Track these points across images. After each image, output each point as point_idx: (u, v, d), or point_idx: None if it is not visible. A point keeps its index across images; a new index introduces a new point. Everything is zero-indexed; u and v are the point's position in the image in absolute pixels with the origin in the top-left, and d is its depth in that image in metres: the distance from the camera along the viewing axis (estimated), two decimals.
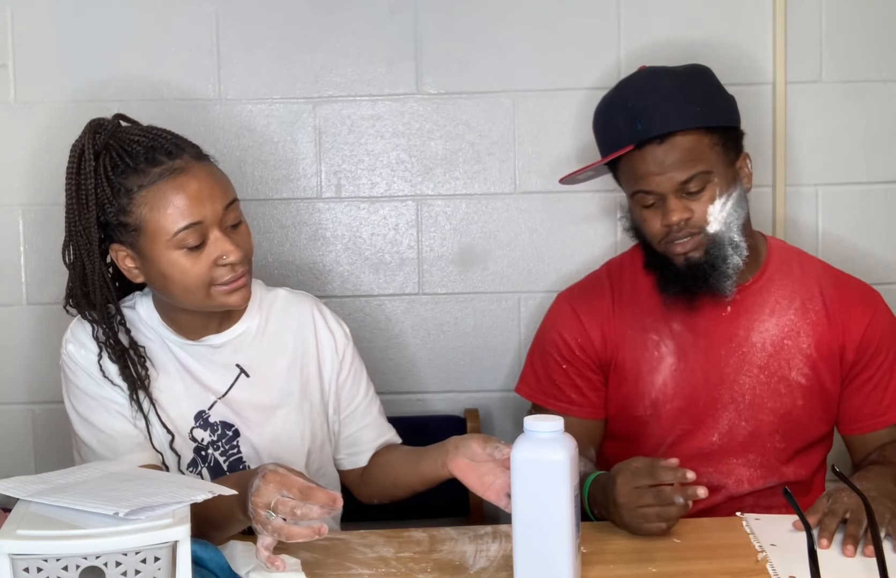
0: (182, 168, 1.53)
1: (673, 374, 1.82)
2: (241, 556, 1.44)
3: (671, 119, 1.69)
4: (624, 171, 1.77)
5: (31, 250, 2.25)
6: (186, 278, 1.54)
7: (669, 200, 1.71)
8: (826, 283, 1.84)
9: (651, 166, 1.70)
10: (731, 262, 1.74)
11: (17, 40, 2.21)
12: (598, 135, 1.83)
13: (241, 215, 1.60)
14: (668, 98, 1.72)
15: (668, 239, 1.74)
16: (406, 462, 1.70)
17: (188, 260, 1.53)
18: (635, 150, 1.71)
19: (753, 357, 1.80)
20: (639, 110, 1.71)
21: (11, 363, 2.26)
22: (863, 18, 2.23)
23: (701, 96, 1.74)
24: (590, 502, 1.64)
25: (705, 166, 1.70)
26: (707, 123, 1.71)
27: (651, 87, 1.75)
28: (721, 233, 1.72)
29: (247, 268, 1.58)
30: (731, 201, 1.73)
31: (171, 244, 1.52)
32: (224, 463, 1.65)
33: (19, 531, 1.17)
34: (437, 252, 2.29)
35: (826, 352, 1.80)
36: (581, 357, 1.86)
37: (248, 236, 1.60)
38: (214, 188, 1.54)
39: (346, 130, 2.26)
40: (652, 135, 1.69)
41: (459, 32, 2.24)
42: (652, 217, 1.75)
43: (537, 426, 1.35)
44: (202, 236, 1.53)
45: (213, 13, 2.22)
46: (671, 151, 1.69)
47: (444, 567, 1.48)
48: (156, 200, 1.52)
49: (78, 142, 1.59)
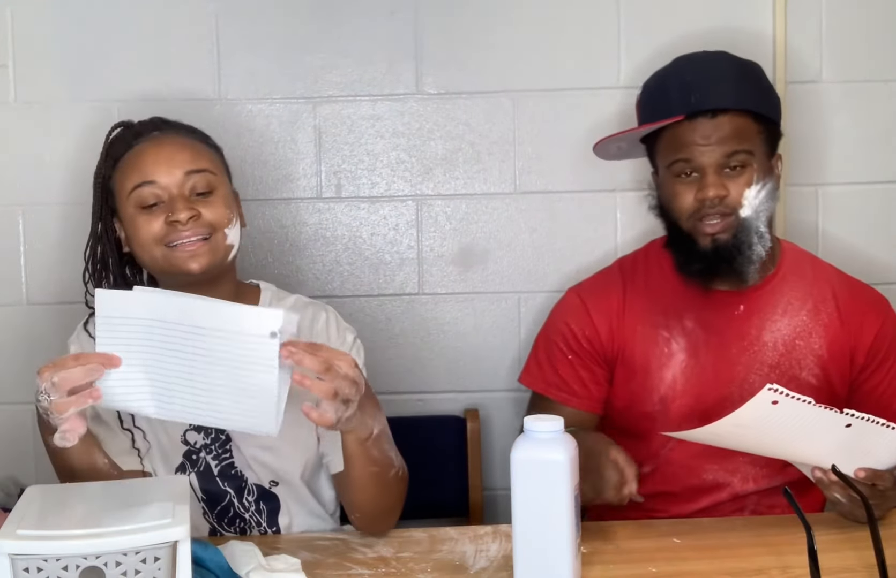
0: (155, 137, 1.64)
1: (683, 371, 1.82)
2: (241, 556, 1.44)
3: (725, 96, 1.72)
4: (666, 141, 1.78)
5: (31, 250, 2.25)
6: (142, 235, 1.60)
7: (708, 175, 1.72)
8: (839, 287, 1.85)
9: (698, 137, 1.72)
10: (755, 250, 1.75)
11: (17, 40, 2.21)
12: (644, 106, 1.84)
13: (217, 187, 1.63)
14: (727, 77, 1.75)
15: (698, 215, 1.74)
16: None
17: (143, 217, 1.60)
18: (684, 121, 1.73)
19: (765, 356, 1.80)
20: (696, 83, 1.74)
21: (11, 363, 2.26)
22: (863, 18, 2.23)
23: (757, 84, 1.78)
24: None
25: (749, 146, 1.72)
26: (758, 109, 1.74)
27: (709, 64, 1.79)
28: (751, 219, 1.74)
29: (203, 233, 1.59)
30: (764, 191, 1.74)
31: (130, 201, 1.60)
32: (216, 468, 1.65)
33: (19, 531, 1.17)
34: (437, 252, 2.29)
35: (837, 355, 1.81)
36: (587, 348, 1.86)
37: (220, 208, 1.62)
38: (177, 153, 1.61)
39: (346, 130, 2.26)
40: (705, 108, 1.71)
41: (459, 32, 2.24)
42: (685, 191, 1.75)
43: (537, 426, 1.35)
44: (157, 196, 1.59)
45: (213, 13, 2.22)
46: (720, 127, 1.71)
47: (444, 567, 1.48)
48: (125, 164, 1.63)
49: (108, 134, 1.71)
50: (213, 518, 1.67)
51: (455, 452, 2.22)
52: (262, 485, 1.67)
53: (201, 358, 1.33)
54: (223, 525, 1.67)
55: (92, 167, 1.71)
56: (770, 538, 1.54)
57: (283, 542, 1.61)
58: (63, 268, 2.23)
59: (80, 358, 1.34)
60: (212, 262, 1.60)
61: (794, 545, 1.48)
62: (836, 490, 1.54)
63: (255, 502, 1.67)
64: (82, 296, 1.78)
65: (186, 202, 1.59)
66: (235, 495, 1.66)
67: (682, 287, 1.82)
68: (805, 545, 1.34)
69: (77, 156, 2.21)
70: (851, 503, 1.54)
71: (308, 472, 1.69)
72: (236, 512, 1.67)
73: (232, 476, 1.66)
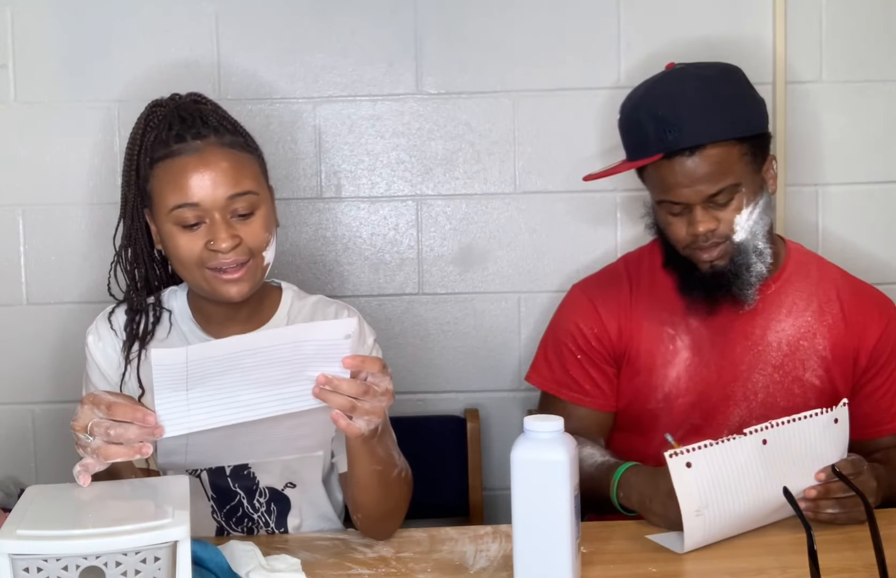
0: (197, 149, 1.56)
1: (687, 368, 1.82)
2: (241, 556, 1.43)
3: (702, 131, 1.66)
4: (651, 177, 1.75)
5: (31, 250, 2.25)
6: (180, 253, 1.57)
7: (696, 211, 1.70)
8: (843, 288, 1.85)
9: (680, 177, 1.68)
10: (754, 270, 1.74)
11: (17, 40, 2.21)
12: (624, 135, 1.80)
13: (258, 207, 1.58)
14: (699, 108, 1.68)
15: (693, 246, 1.74)
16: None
17: (183, 237, 1.56)
18: (664, 159, 1.69)
19: (769, 356, 1.80)
20: (669, 120, 1.67)
21: (11, 363, 2.26)
22: (863, 18, 2.23)
23: (732, 104, 1.71)
24: (620, 490, 1.64)
25: (734, 179, 1.68)
26: (738, 134, 1.68)
27: (681, 95, 1.70)
28: (747, 241, 1.72)
29: (242, 261, 1.57)
30: (757, 210, 1.73)
31: (169, 218, 1.56)
32: (228, 468, 1.64)
33: (19, 531, 1.17)
34: (437, 252, 2.29)
35: (840, 356, 1.81)
36: (597, 348, 1.86)
37: (259, 231, 1.58)
38: (221, 174, 1.55)
39: (346, 130, 2.26)
40: (682, 147, 1.67)
41: (459, 32, 2.24)
42: (678, 224, 1.74)
43: (537, 426, 1.35)
44: (199, 217, 1.55)
45: (213, 13, 2.22)
46: (701, 163, 1.67)
47: (444, 567, 1.48)
48: (165, 174, 1.56)
49: (140, 115, 1.64)
50: (221, 518, 1.67)
51: (455, 452, 2.22)
52: (274, 488, 1.66)
53: (264, 363, 1.34)
54: (231, 525, 1.67)
55: (92, 167, 1.70)
56: (770, 538, 1.54)
57: (284, 542, 1.61)
58: (63, 268, 2.24)
59: (138, 412, 1.31)
60: (251, 287, 1.59)
61: (794, 545, 1.48)
62: (827, 506, 1.53)
63: (265, 503, 1.67)
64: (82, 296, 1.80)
65: (228, 228, 1.55)
66: (246, 496, 1.66)
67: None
68: (805, 545, 1.34)
69: (77, 156, 2.22)
70: (844, 508, 1.53)
71: (325, 472, 1.69)
72: (245, 512, 1.67)
73: (244, 476, 1.65)
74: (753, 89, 1.77)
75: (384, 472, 1.54)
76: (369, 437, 1.47)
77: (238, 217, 1.56)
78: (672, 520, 1.52)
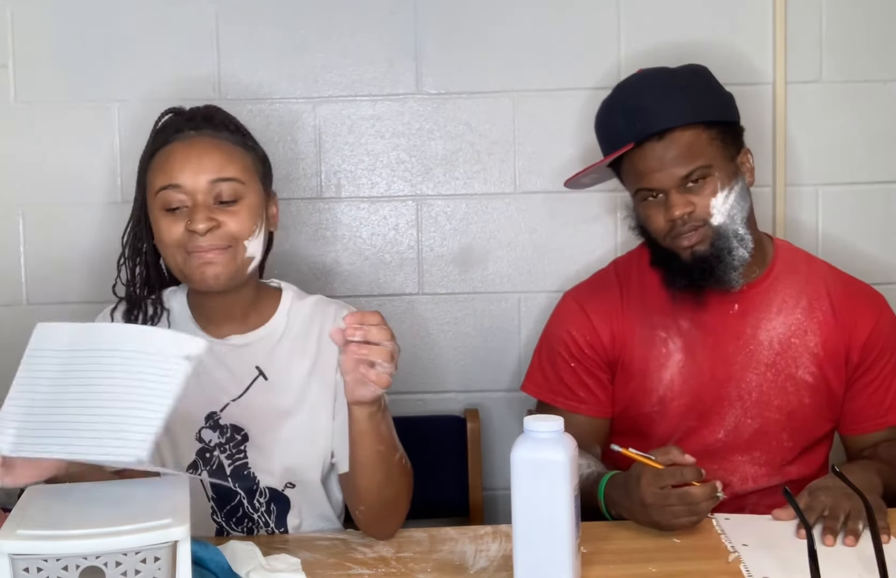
0: (189, 138, 1.61)
1: (680, 371, 1.82)
2: (241, 556, 1.43)
3: (668, 115, 1.71)
4: (626, 171, 1.79)
5: (31, 250, 2.25)
6: (163, 235, 1.60)
7: (671, 195, 1.72)
8: (833, 284, 1.85)
9: (651, 163, 1.72)
10: (736, 255, 1.75)
11: (17, 40, 2.21)
12: (599, 138, 1.85)
13: (244, 197, 1.60)
14: (665, 95, 1.74)
15: (673, 233, 1.75)
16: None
17: (166, 219, 1.59)
18: (635, 149, 1.73)
19: (761, 354, 1.81)
20: (637, 109, 1.73)
21: (11, 363, 2.24)
22: (863, 18, 2.23)
23: (698, 93, 1.76)
24: (606, 501, 1.65)
25: (705, 160, 1.72)
26: (704, 118, 1.73)
27: (648, 87, 1.77)
28: (725, 225, 1.74)
29: (221, 247, 1.58)
30: (733, 194, 1.74)
31: (156, 202, 1.60)
32: (228, 467, 1.65)
33: (19, 531, 1.17)
34: (437, 252, 2.29)
35: (832, 352, 1.81)
36: (590, 355, 1.86)
37: (242, 220, 1.59)
38: (206, 158, 1.59)
39: (346, 130, 2.26)
40: (651, 132, 1.71)
41: (459, 32, 2.24)
42: (655, 213, 1.76)
43: (537, 426, 1.35)
44: (181, 201, 1.58)
45: (213, 13, 2.22)
46: (670, 147, 1.71)
47: (444, 567, 1.48)
48: (157, 161, 1.62)
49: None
50: (221, 518, 1.67)
51: (455, 452, 2.22)
52: (274, 488, 1.66)
53: (101, 379, 1.25)
54: (231, 525, 1.68)
55: (92, 167, 1.71)
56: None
57: (284, 542, 1.61)
58: (63, 268, 2.23)
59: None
60: (229, 276, 1.59)
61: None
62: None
63: (265, 504, 1.67)
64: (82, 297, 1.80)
65: (208, 211, 1.57)
66: (246, 496, 1.66)
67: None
68: (805, 545, 1.34)
69: (77, 156, 2.21)
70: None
71: (324, 473, 1.69)
72: (245, 512, 1.67)
73: (244, 476, 1.66)
74: (720, 85, 1.81)
75: (386, 453, 1.53)
76: (375, 411, 1.48)
77: (222, 204, 1.59)
78: (657, 524, 1.54)
